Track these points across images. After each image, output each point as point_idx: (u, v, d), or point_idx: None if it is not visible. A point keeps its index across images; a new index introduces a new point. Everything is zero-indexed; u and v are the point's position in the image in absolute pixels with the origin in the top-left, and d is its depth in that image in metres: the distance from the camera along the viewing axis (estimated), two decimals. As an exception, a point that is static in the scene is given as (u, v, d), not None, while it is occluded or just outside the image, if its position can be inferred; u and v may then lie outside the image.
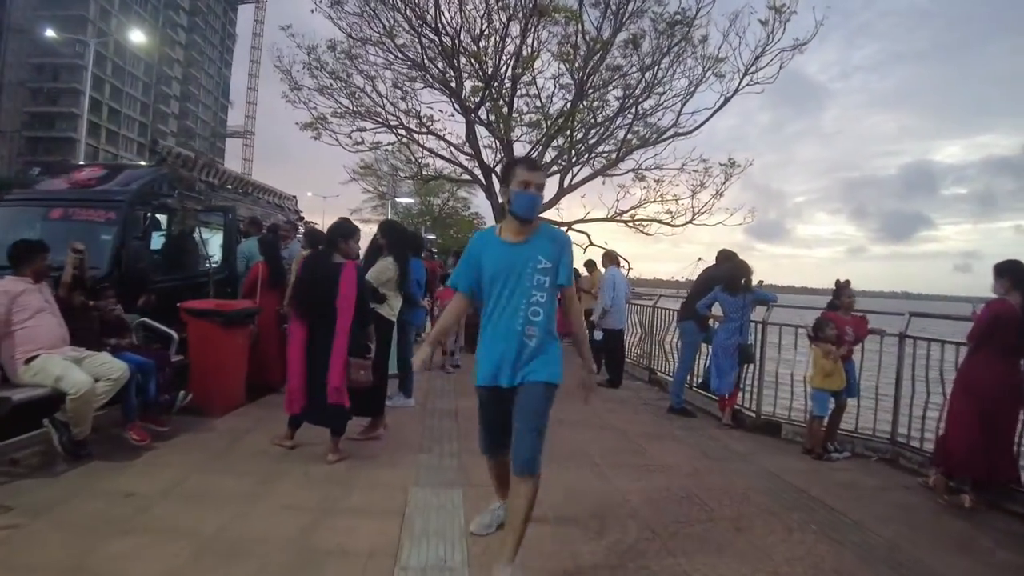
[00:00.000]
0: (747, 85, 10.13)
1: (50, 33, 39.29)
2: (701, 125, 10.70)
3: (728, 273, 6.48)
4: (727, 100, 10.22)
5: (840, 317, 5.57)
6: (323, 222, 8.88)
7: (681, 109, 10.66)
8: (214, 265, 6.87)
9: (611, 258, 8.50)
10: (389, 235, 5.03)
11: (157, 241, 6.57)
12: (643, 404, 7.28)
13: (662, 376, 8.65)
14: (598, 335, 8.16)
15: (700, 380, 7.19)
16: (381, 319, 4.77)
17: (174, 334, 5.34)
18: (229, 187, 8.10)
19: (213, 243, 7.10)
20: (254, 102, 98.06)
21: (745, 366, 6.51)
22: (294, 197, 10.86)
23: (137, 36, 22.60)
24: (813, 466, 5.23)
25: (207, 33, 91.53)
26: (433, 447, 4.83)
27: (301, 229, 9.00)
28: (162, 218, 6.55)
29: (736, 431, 6.27)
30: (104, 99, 69.79)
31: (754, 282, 6.50)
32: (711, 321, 6.79)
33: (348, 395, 4.17)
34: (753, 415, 6.44)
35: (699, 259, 13.59)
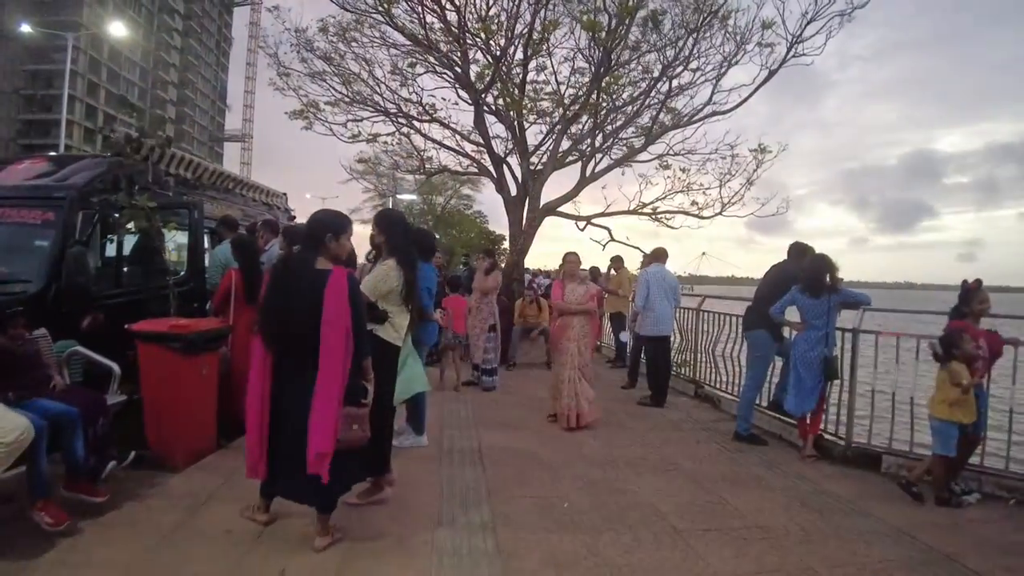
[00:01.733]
0: (793, 57, 8.97)
1: (27, 28, 37.42)
2: (742, 102, 9.47)
3: (809, 270, 5.29)
4: (772, 74, 9.00)
5: (972, 328, 4.37)
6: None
7: (716, 84, 9.40)
8: (181, 275, 5.69)
9: (654, 256, 7.30)
10: (389, 230, 3.72)
11: (109, 248, 5.40)
12: (701, 429, 6.09)
13: (710, 391, 7.46)
14: (624, 336, 7.27)
15: (771, 399, 6.01)
16: (383, 345, 3.56)
17: (115, 367, 4.17)
18: (206, 182, 6.93)
19: (182, 249, 5.93)
20: (252, 105, 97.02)
21: (829, 383, 5.32)
22: (284, 194, 9.69)
23: (118, 30, 21.33)
24: (946, 517, 4.06)
25: (203, 37, 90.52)
26: (456, 515, 3.62)
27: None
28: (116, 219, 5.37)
29: (823, 464, 5.10)
30: (99, 105, 68.87)
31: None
32: (787, 329, 5.63)
33: (339, 458, 2.97)
34: (842, 443, 5.25)
35: (703, 253, 12.29)
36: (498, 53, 9.41)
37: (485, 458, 4.74)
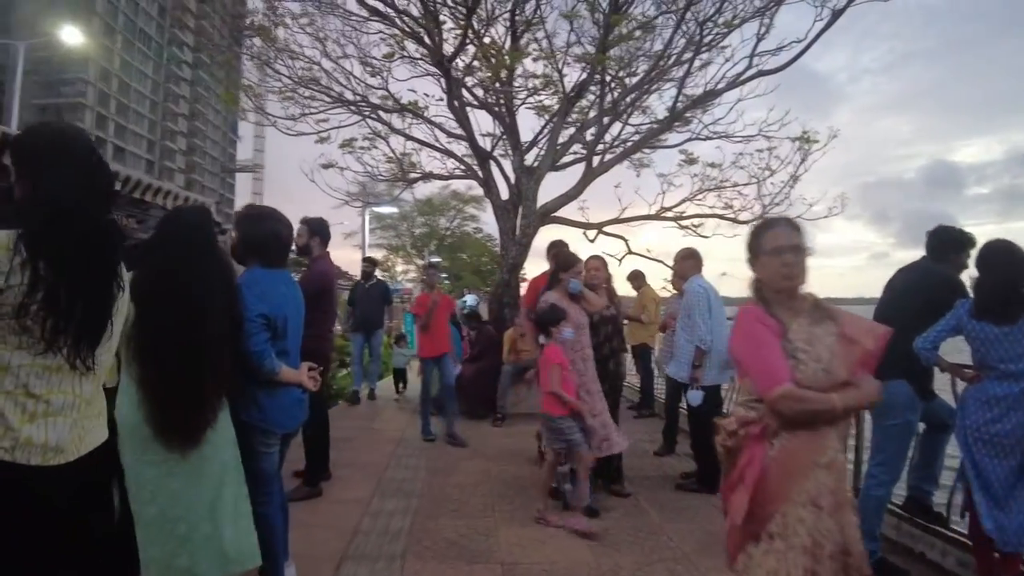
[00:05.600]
0: (860, -4, 6.74)
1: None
2: (797, 56, 7.04)
3: (991, 275, 2.94)
4: (838, 15, 6.72)
5: None
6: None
7: (760, 32, 7.01)
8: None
9: (695, 261, 4.90)
10: (28, 160, 1.49)
11: None
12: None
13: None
14: (695, 398, 4.59)
15: (907, 496, 3.60)
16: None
17: None
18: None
19: None
20: (263, 135, 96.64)
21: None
22: (206, 204, 7.55)
23: (73, 36, 19.86)
24: None
25: (212, 69, 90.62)
26: None
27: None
28: None
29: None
30: (108, 137, 68.74)
31: None
32: (933, 376, 3.28)
33: None
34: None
35: (723, 273, 10.01)
36: (469, 3, 7.21)
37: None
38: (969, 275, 3.15)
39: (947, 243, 3.34)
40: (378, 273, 9.73)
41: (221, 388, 2.18)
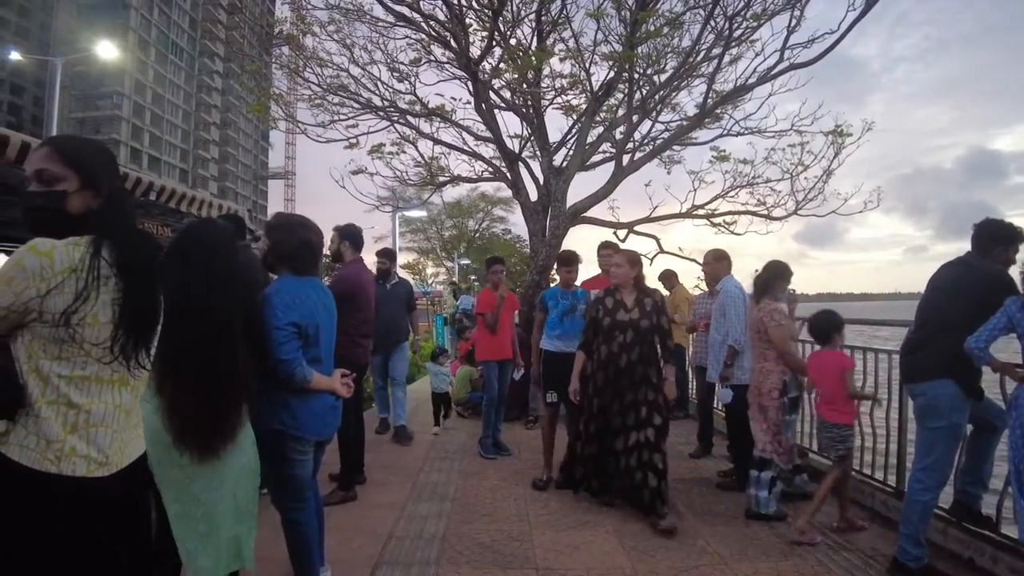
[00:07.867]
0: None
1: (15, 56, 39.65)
2: (833, 46, 6.75)
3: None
4: (871, 4, 6.51)
5: None
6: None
7: (792, 22, 6.83)
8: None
9: (728, 262, 4.84)
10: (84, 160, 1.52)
11: None
12: (827, 546, 3.61)
13: (820, 461, 4.95)
14: (725, 396, 4.61)
15: (954, 500, 3.49)
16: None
17: None
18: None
19: None
20: (293, 143, 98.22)
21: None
22: (231, 208, 7.62)
23: (109, 51, 20.43)
24: None
25: (243, 78, 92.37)
26: None
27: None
28: None
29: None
30: (144, 148, 70.58)
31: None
32: (978, 374, 3.16)
33: None
34: None
35: (756, 271, 9.83)
36: (495, 5, 7.22)
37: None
38: (1018, 270, 3.03)
39: (994, 237, 3.22)
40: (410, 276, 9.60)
41: (240, 399, 2.19)
